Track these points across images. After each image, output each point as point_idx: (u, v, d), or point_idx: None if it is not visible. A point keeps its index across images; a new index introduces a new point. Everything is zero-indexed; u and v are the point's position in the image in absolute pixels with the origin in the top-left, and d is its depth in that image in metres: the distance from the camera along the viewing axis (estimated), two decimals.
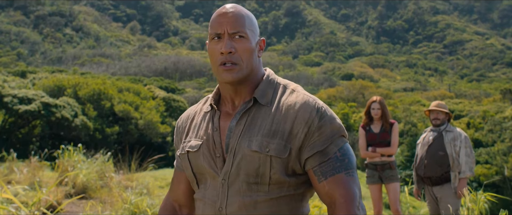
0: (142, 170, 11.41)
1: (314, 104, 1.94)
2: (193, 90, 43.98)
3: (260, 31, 2.09)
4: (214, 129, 2.01)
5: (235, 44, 1.95)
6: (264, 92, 2.00)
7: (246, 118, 1.97)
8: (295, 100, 1.96)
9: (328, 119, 1.93)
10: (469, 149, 5.88)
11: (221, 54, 1.95)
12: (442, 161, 5.89)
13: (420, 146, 6.18)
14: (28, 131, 23.87)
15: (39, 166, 10.62)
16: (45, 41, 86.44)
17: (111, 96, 28.22)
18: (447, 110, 6.10)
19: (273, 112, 1.95)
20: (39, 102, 23.19)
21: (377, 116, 6.40)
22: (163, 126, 29.54)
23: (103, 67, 63.30)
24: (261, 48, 2.07)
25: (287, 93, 2.01)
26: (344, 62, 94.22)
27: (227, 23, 1.96)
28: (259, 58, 2.06)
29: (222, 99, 2.09)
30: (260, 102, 1.97)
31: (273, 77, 2.07)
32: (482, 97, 53.32)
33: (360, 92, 50.86)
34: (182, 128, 2.17)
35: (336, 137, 1.94)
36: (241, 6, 2.05)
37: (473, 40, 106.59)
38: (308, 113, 1.91)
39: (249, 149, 1.91)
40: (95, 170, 9.17)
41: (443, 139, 5.97)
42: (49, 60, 74.30)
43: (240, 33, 1.95)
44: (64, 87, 27.76)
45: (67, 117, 23.72)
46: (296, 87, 2.05)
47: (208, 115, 2.08)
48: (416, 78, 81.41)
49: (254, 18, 2.07)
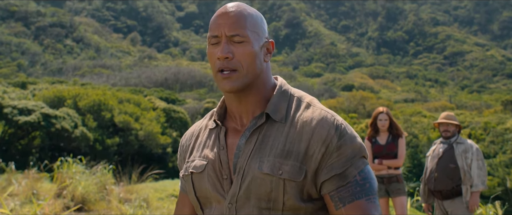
0: (142, 181, 11.30)
1: (333, 121, 1.72)
2: (194, 101, 43.89)
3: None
4: (221, 147, 1.80)
5: (233, 49, 1.73)
6: (277, 106, 1.78)
7: (257, 136, 1.76)
8: (311, 116, 1.74)
9: (348, 138, 1.72)
10: (481, 161, 5.70)
11: (218, 59, 1.75)
12: (453, 174, 5.73)
13: (429, 158, 6.00)
14: (28, 142, 23.75)
15: (38, 177, 10.49)
16: (45, 52, 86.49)
17: (111, 107, 28.14)
18: (457, 121, 5.94)
19: (287, 130, 1.74)
20: (39, 113, 23.12)
21: (384, 127, 6.25)
22: (164, 137, 29.45)
23: (104, 78, 63.26)
24: (268, 51, 1.84)
25: (302, 108, 1.79)
26: (344, 73, 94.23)
27: (225, 24, 1.74)
28: (266, 64, 1.82)
29: (228, 114, 1.87)
30: (273, 118, 1.76)
31: (286, 88, 1.84)
32: (483, 108, 53.26)
33: (361, 103, 50.79)
34: (186, 146, 1.97)
35: (357, 158, 1.73)
36: (245, 5, 1.82)
37: (473, 52, 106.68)
38: (326, 131, 1.70)
39: (260, 171, 1.70)
40: (94, 182, 9.02)
41: (454, 151, 5.80)
42: (49, 71, 74.30)
43: (239, 36, 1.73)
44: (64, 98, 27.69)
45: (67, 128, 23.63)
46: (311, 100, 1.83)
47: (214, 132, 1.87)
48: (417, 89, 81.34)
49: (261, 18, 1.83)
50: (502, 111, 44.23)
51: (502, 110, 44.87)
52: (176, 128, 32.18)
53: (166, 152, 30.18)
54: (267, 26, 1.86)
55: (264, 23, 1.84)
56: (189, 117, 34.46)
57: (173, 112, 32.88)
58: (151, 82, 60.66)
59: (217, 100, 43.09)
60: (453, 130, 5.93)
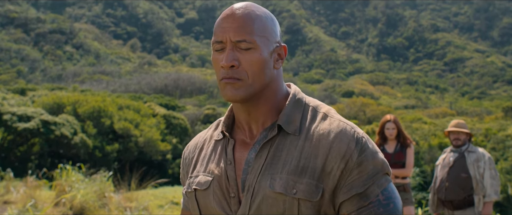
0: (142, 188, 11.20)
1: (353, 134, 1.56)
2: (194, 108, 43.77)
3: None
4: (228, 162, 1.63)
5: (240, 56, 1.57)
6: (291, 117, 1.61)
7: (268, 149, 1.59)
8: (329, 128, 1.57)
9: (370, 153, 1.55)
10: (493, 170, 5.53)
11: (222, 68, 1.58)
12: (465, 184, 5.55)
13: (439, 167, 5.83)
14: (27, 148, 23.63)
15: (37, 185, 10.38)
16: (45, 59, 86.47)
17: (111, 113, 28.06)
18: (467, 130, 5.79)
19: (302, 143, 1.57)
20: (38, 119, 23.02)
21: (392, 136, 6.11)
22: (163, 143, 29.38)
23: (103, 84, 63.17)
24: (280, 57, 1.66)
25: (319, 119, 1.61)
26: (344, 80, 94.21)
27: (230, 29, 1.57)
28: (276, 71, 1.64)
29: (236, 124, 1.70)
30: (286, 130, 1.59)
31: (300, 96, 1.68)
32: (484, 115, 53.22)
33: (361, 110, 50.72)
34: (189, 159, 1.79)
35: (379, 175, 1.56)
36: (254, 6, 1.64)
37: (473, 58, 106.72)
38: (345, 145, 1.53)
39: (272, 190, 1.54)
40: (94, 190, 8.91)
41: (466, 160, 5.62)
42: (49, 78, 74.25)
43: (246, 42, 1.56)
44: (63, 104, 27.61)
45: (67, 134, 23.53)
46: (328, 110, 1.65)
47: (220, 144, 1.70)
48: (417, 96, 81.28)
49: (271, 20, 1.65)
50: (503, 117, 44.17)
51: (503, 116, 44.80)
52: (176, 134, 32.10)
53: (166, 158, 30.11)
54: (279, 29, 1.68)
55: (276, 26, 1.66)
56: (189, 124, 34.36)
57: (173, 119, 32.79)
58: (151, 89, 60.58)
59: (217, 107, 42.91)
60: (464, 138, 5.77)
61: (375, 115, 48.47)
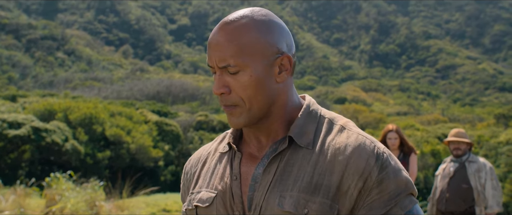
0: (134, 196, 11.08)
1: (373, 149, 1.40)
2: (186, 114, 43.58)
3: None
4: (233, 177, 1.49)
5: (230, 80, 1.42)
6: (303, 129, 1.46)
7: (278, 164, 1.44)
8: (346, 142, 1.41)
9: (392, 170, 1.39)
10: (495, 181, 5.40)
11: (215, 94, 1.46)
12: (466, 195, 5.41)
13: (439, 177, 5.68)
14: (17, 156, 23.44)
15: (26, 193, 10.21)
16: (36, 65, 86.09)
17: (103, 120, 27.92)
18: (468, 139, 5.66)
19: (315, 158, 1.41)
20: (29, 126, 22.88)
21: (395, 146, 5.96)
22: (156, 150, 29.27)
23: (95, 91, 62.92)
24: (284, 68, 1.46)
25: (335, 132, 1.46)
26: (337, 86, 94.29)
27: (214, 54, 1.43)
28: (280, 84, 1.46)
29: (244, 137, 1.55)
30: (297, 143, 1.44)
31: (315, 108, 1.52)
32: (476, 121, 53.32)
33: (354, 116, 50.72)
34: (191, 174, 1.63)
35: (403, 196, 1.40)
36: (249, 15, 1.45)
37: (465, 65, 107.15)
38: (364, 161, 1.38)
39: (281, 208, 1.38)
40: (84, 199, 8.76)
41: (466, 171, 5.49)
42: (40, 84, 73.89)
43: (231, 68, 1.41)
44: (55, 111, 27.45)
45: (58, 141, 23.37)
46: (346, 123, 1.49)
47: (226, 158, 1.55)
48: (409, 103, 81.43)
49: (266, 28, 1.44)
50: (495, 124, 44.25)
51: (495, 123, 44.88)
52: (168, 141, 31.98)
53: (158, 165, 29.99)
54: (287, 36, 1.49)
55: (274, 35, 1.45)
56: (182, 130, 34.22)
57: (165, 125, 32.67)
58: (143, 95, 60.36)
59: (210, 113, 42.76)
60: (464, 148, 5.63)
61: (368, 122, 48.49)
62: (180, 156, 32.41)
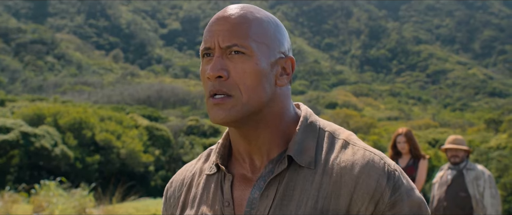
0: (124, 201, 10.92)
1: (383, 167, 1.24)
2: (177, 119, 43.39)
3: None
4: (225, 203, 1.29)
5: (230, 65, 1.25)
6: (303, 146, 1.28)
7: (277, 187, 1.25)
8: (352, 160, 1.24)
9: (405, 191, 1.24)
10: (494, 189, 5.25)
11: (208, 79, 1.26)
12: (464, 203, 5.27)
13: (437, 185, 5.54)
14: (6, 161, 23.18)
15: (14, 199, 10.03)
16: (26, 69, 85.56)
17: (93, 125, 27.73)
18: (466, 146, 5.52)
19: (319, 179, 1.24)
20: (18, 131, 22.67)
21: (404, 149, 5.79)
22: (146, 155, 29.11)
23: (85, 95, 62.57)
24: (285, 72, 1.33)
25: (338, 148, 1.29)
26: (328, 91, 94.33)
27: (220, 32, 1.26)
28: (280, 89, 1.31)
29: (233, 155, 1.36)
30: (298, 162, 1.26)
31: (313, 119, 1.34)
32: (466, 126, 53.50)
33: (345, 121, 50.67)
34: (174, 199, 1.42)
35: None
36: (253, 7, 1.32)
37: (455, 70, 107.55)
38: (374, 181, 1.22)
39: None
40: (73, 206, 8.57)
41: (464, 179, 5.35)
42: (29, 89, 73.41)
43: (237, 48, 1.24)
44: (44, 115, 27.23)
45: (47, 146, 23.16)
46: (349, 136, 1.32)
47: (214, 180, 1.35)
48: (400, 107, 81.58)
49: (275, 25, 1.32)
50: (485, 129, 44.37)
51: (485, 128, 45.00)
52: (159, 146, 31.80)
53: (148, 170, 29.80)
54: (288, 38, 1.37)
55: (281, 33, 1.34)
56: (172, 135, 34.03)
57: (156, 130, 32.50)
58: (133, 100, 60.10)
59: (201, 118, 42.45)
60: (462, 155, 5.49)
61: (359, 127, 48.48)
62: (171, 160, 32.22)
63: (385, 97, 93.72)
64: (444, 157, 25.98)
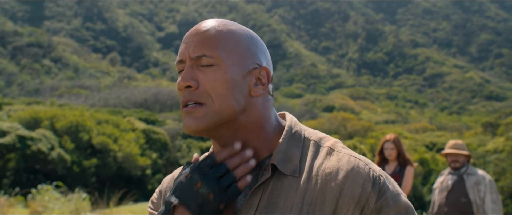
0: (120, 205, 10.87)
1: (368, 172, 1.24)
2: (174, 122, 43.30)
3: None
4: None
5: (200, 75, 1.27)
6: (287, 154, 1.27)
7: (260, 196, 1.25)
8: (337, 166, 1.24)
9: (391, 196, 1.24)
10: (495, 194, 5.20)
11: (179, 90, 1.28)
12: (464, 209, 5.22)
13: (437, 191, 5.49)
14: (2, 164, 23.07)
15: (10, 203, 9.96)
16: (22, 73, 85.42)
17: (89, 128, 27.65)
18: (466, 151, 5.46)
19: (304, 186, 1.24)
20: (14, 135, 22.58)
21: (392, 156, 5.76)
22: (143, 158, 29.03)
23: (82, 98, 62.47)
24: (260, 82, 1.33)
25: (323, 155, 1.28)
26: (325, 94, 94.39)
27: (191, 43, 1.29)
28: (256, 99, 1.30)
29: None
30: (282, 170, 1.26)
31: (298, 129, 1.34)
32: (463, 130, 53.56)
33: (342, 125, 50.66)
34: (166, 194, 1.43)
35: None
36: (229, 22, 1.33)
37: (452, 73, 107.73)
38: (359, 187, 1.21)
39: None
40: (70, 210, 8.52)
41: (465, 184, 5.29)
42: (26, 92, 73.28)
43: (206, 58, 1.26)
44: (40, 119, 27.12)
45: (43, 150, 23.07)
46: (334, 144, 1.31)
47: None
48: (397, 111, 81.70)
49: (250, 38, 1.33)
50: (482, 133, 44.36)
51: (482, 132, 44.99)
52: (156, 149, 31.74)
53: (145, 174, 29.72)
54: (265, 51, 1.39)
55: (256, 45, 1.35)
56: (169, 138, 33.96)
57: (153, 133, 32.42)
58: (130, 103, 60.02)
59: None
60: (463, 160, 5.43)
61: (356, 130, 48.45)
62: (168, 164, 32.15)
63: (382, 100, 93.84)
64: (442, 161, 25.94)
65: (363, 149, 28.57)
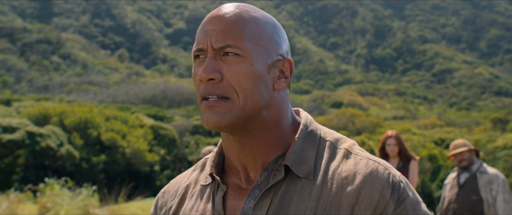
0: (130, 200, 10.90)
1: (387, 178, 1.15)
2: (182, 119, 43.36)
3: None
4: (216, 214, 1.22)
5: (224, 67, 1.17)
6: (302, 155, 1.19)
7: (272, 198, 1.17)
8: (355, 170, 1.16)
9: (410, 204, 1.15)
10: (507, 194, 5.13)
11: (200, 81, 1.19)
12: (475, 207, 5.16)
13: (448, 187, 5.43)
14: (12, 160, 23.18)
15: (19, 199, 10.00)
16: (31, 69, 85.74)
17: (98, 124, 27.74)
18: (467, 146, 5.36)
19: (318, 190, 1.16)
20: (24, 131, 22.65)
21: (393, 152, 5.72)
22: (151, 154, 29.08)
23: (91, 95, 62.62)
24: (283, 75, 1.24)
25: (339, 158, 1.20)
26: (333, 90, 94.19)
27: (213, 32, 1.19)
28: (278, 93, 1.22)
29: (227, 164, 1.27)
30: (296, 172, 1.18)
31: (313, 128, 1.25)
32: (473, 126, 53.29)
33: (350, 121, 50.58)
34: (166, 210, 1.33)
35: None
36: (250, 6, 1.24)
37: (461, 69, 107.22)
38: (377, 193, 1.13)
39: None
40: (78, 206, 8.54)
41: (477, 182, 5.21)
42: (35, 88, 73.56)
43: (231, 49, 1.17)
44: (49, 115, 27.24)
45: (52, 146, 23.15)
46: (351, 146, 1.23)
47: (208, 191, 1.26)
48: (406, 107, 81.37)
49: (272, 26, 1.23)
50: (492, 129, 44.16)
51: (492, 128, 44.78)
52: (164, 145, 31.78)
53: (154, 170, 29.78)
54: (286, 40, 1.28)
55: (279, 35, 1.25)
56: (177, 134, 34.01)
57: (161, 129, 32.46)
58: (138, 99, 60.13)
59: None
60: (468, 156, 5.36)
61: (364, 126, 48.35)
62: (176, 160, 32.20)
63: (390, 96, 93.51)
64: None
65: (372, 145, 28.50)
